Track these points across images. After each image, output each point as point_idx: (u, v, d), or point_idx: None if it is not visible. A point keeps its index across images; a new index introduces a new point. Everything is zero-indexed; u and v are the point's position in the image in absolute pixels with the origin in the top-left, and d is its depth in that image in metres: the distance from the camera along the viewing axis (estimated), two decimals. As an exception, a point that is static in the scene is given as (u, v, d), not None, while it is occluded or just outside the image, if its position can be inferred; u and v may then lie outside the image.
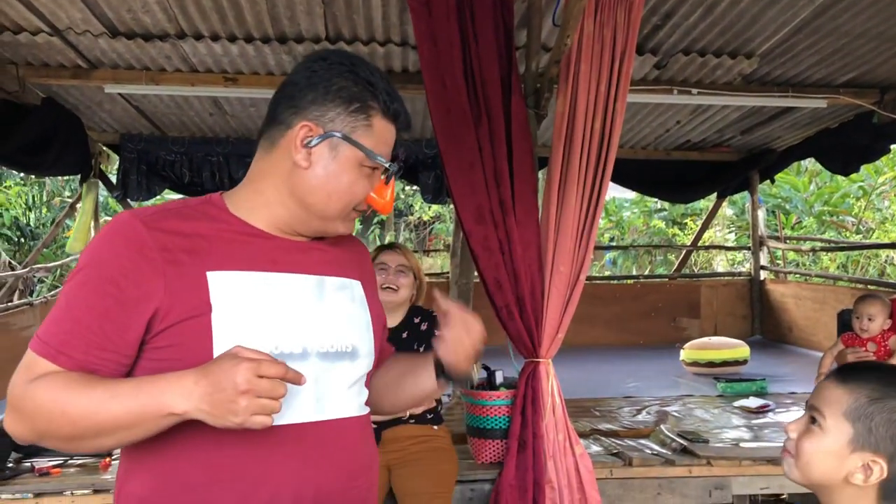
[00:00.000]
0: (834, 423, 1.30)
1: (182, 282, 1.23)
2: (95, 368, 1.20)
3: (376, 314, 1.50)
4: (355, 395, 1.40)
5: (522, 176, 3.43)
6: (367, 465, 1.42)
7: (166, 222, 1.27)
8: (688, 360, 6.18)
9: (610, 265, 13.13)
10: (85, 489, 3.22)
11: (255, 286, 1.28)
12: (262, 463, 1.25)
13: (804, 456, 1.32)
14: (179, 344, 1.22)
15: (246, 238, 1.33)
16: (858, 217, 11.51)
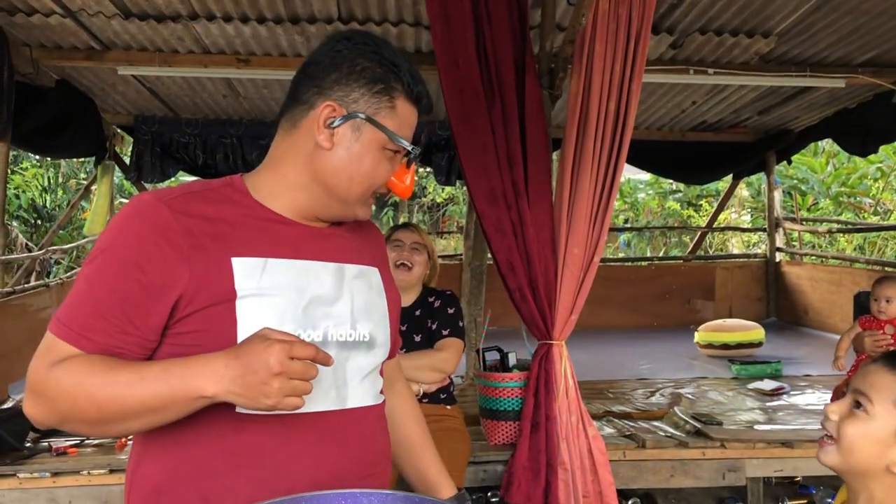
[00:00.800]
0: (883, 410, 1.27)
1: (207, 268, 1.21)
2: (118, 352, 1.18)
3: (393, 301, 1.49)
4: (371, 384, 1.39)
5: (536, 157, 3.40)
6: (384, 452, 1.42)
7: (191, 206, 1.25)
8: (702, 343, 6.15)
9: (624, 247, 13.08)
10: (101, 469, 3.26)
11: (279, 273, 1.26)
12: (281, 451, 1.24)
13: (846, 440, 1.29)
14: (203, 330, 1.20)
15: (269, 224, 1.31)
16: (876, 198, 11.39)
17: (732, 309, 7.94)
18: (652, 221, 13.11)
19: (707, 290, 8.13)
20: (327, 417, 1.29)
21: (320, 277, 1.32)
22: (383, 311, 1.45)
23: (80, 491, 3.23)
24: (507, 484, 3.33)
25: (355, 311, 1.36)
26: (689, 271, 8.42)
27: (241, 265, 1.24)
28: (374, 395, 1.40)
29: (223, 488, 1.22)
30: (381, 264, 1.50)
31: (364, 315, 1.38)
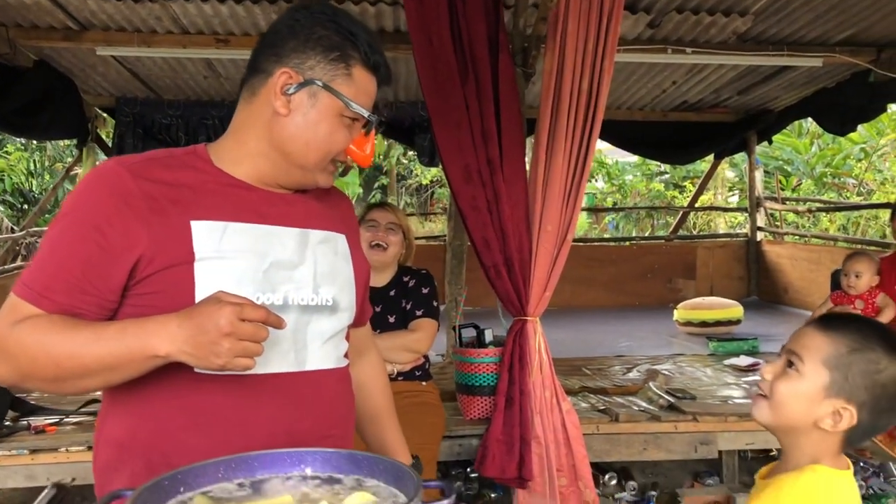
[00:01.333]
0: (812, 369, 1.32)
1: (166, 231, 1.24)
2: (78, 312, 1.21)
3: (360, 268, 1.51)
4: (333, 347, 1.42)
5: (510, 134, 3.42)
6: (345, 415, 1.45)
7: (152, 171, 1.28)
8: (681, 320, 6.22)
9: (612, 228, 13.15)
10: (80, 446, 3.29)
11: (239, 237, 1.29)
12: (238, 410, 1.28)
13: (778, 396, 1.34)
14: (162, 291, 1.23)
15: (230, 189, 1.33)
16: (859, 178, 11.47)
17: (713, 288, 8.01)
18: (639, 203, 13.17)
19: (688, 270, 8.20)
20: (285, 379, 1.32)
21: (282, 242, 1.34)
22: (349, 276, 1.46)
23: (58, 468, 3.26)
24: (482, 457, 3.37)
25: (318, 276, 1.38)
26: (671, 251, 8.49)
27: (200, 228, 1.26)
28: (336, 359, 1.42)
29: (181, 445, 1.26)
30: (349, 231, 1.51)
31: (328, 280, 1.40)
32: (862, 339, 1.32)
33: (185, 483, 1.06)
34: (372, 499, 1.04)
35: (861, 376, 1.30)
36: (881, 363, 1.30)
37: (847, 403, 1.30)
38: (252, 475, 1.12)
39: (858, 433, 1.33)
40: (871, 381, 1.30)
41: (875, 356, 1.31)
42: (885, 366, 1.30)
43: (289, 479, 1.12)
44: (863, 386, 1.30)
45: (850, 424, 1.30)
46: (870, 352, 1.31)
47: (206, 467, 1.09)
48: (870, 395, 1.30)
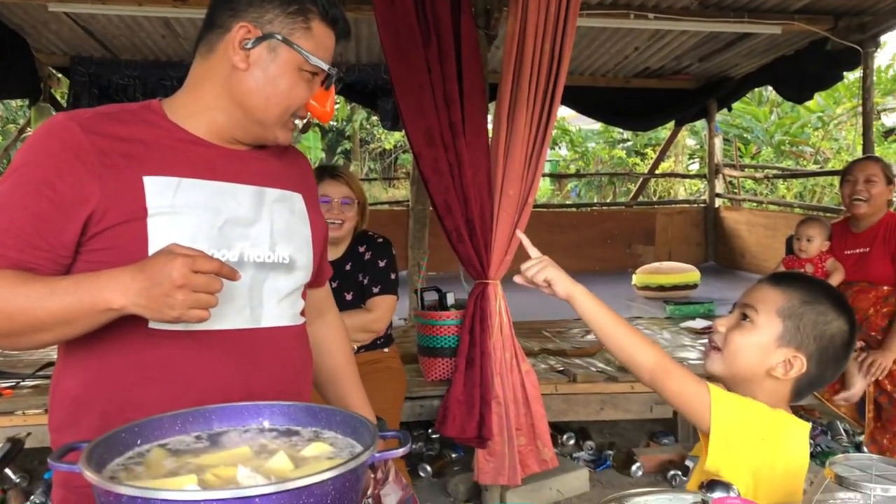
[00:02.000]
0: (766, 319, 1.39)
1: (118, 185, 1.23)
2: (31, 267, 1.20)
3: (317, 229, 1.50)
4: (290, 305, 1.42)
5: (472, 98, 3.42)
6: (300, 371, 1.46)
7: (104, 126, 1.27)
8: (639, 285, 6.32)
9: (574, 195, 13.23)
10: (37, 409, 3.27)
11: (193, 192, 1.28)
12: (193, 365, 1.29)
13: (732, 346, 1.40)
14: (115, 247, 1.23)
15: (185, 145, 1.32)
16: (816, 147, 11.66)
17: (672, 253, 8.14)
18: (601, 169, 13.26)
19: (648, 235, 8.31)
20: (240, 335, 1.32)
21: (238, 199, 1.34)
22: (305, 236, 1.46)
23: (14, 430, 3.22)
24: (443, 418, 3.42)
25: (275, 234, 1.38)
26: (630, 217, 8.59)
27: (152, 183, 1.26)
28: (292, 317, 1.43)
29: (137, 400, 1.26)
30: (307, 191, 1.51)
31: (284, 238, 1.40)
32: (812, 293, 1.40)
33: (141, 435, 1.07)
34: (329, 449, 1.05)
35: (811, 326, 1.38)
36: (829, 316, 1.38)
37: (797, 352, 1.37)
38: (209, 428, 1.13)
39: (806, 383, 1.40)
40: (819, 332, 1.38)
41: (824, 308, 1.38)
42: (833, 319, 1.38)
43: (246, 431, 1.14)
44: (812, 336, 1.38)
45: (799, 372, 1.37)
46: (819, 304, 1.38)
47: (163, 420, 1.10)
48: (818, 346, 1.38)
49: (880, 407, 3.51)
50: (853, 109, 10.99)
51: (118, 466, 1.00)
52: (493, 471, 3.42)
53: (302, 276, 1.45)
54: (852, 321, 1.40)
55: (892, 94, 11.33)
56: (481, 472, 3.41)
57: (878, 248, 3.67)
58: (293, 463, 1.00)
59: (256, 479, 0.93)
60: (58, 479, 1.33)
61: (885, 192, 3.69)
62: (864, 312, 3.67)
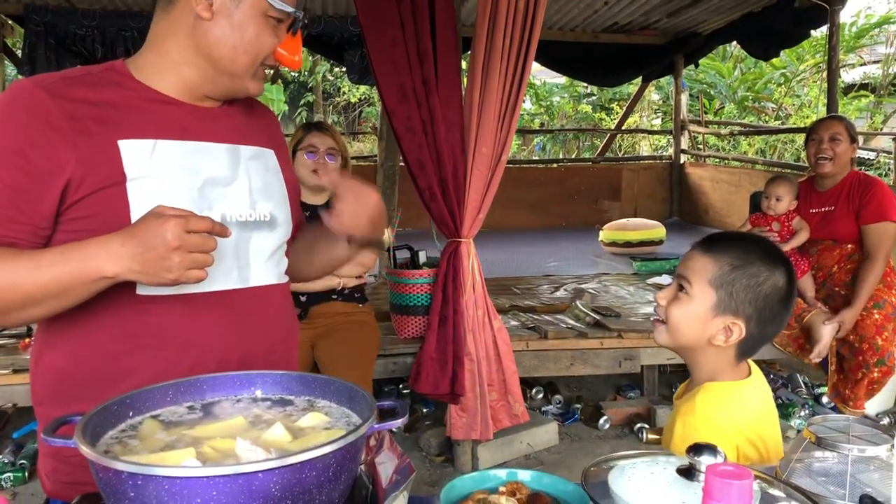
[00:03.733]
0: (700, 290, 1.40)
1: (93, 151, 1.20)
2: (11, 242, 1.17)
3: (291, 183, 1.50)
4: (275, 263, 1.42)
5: (446, 53, 3.38)
6: (289, 330, 1.46)
7: (71, 90, 1.22)
8: (606, 241, 6.38)
9: (539, 150, 13.22)
10: (5, 369, 3.22)
11: (169, 154, 1.26)
12: (185, 330, 1.27)
13: (673, 320, 1.42)
14: (96, 214, 1.20)
15: (156, 105, 1.29)
16: (779, 103, 11.78)
17: (637, 209, 8.21)
18: (566, 124, 13.25)
19: (614, 191, 8.37)
20: (230, 296, 1.31)
21: (214, 158, 1.32)
22: (282, 191, 1.45)
23: (-18, 391, 3.20)
24: (416, 374, 3.45)
25: (253, 192, 1.37)
26: (597, 173, 8.63)
27: (128, 147, 1.23)
28: (279, 275, 1.43)
29: (126, 369, 1.25)
30: (277, 147, 1.49)
31: (263, 195, 1.39)
32: (742, 256, 1.40)
33: (133, 407, 1.06)
34: (325, 419, 1.05)
35: (745, 291, 1.39)
36: (761, 276, 1.39)
37: (735, 318, 1.39)
38: (202, 398, 1.12)
39: (749, 344, 1.43)
40: (754, 295, 1.39)
41: (755, 270, 1.39)
42: (766, 277, 1.39)
43: (239, 401, 1.13)
44: (747, 300, 1.39)
45: (739, 338, 1.40)
46: (750, 266, 1.39)
47: (155, 391, 1.09)
48: (754, 308, 1.39)
49: (842, 358, 3.62)
50: (816, 66, 11.09)
51: (112, 440, 0.99)
52: (466, 426, 3.47)
53: (283, 233, 1.45)
54: (789, 272, 1.41)
55: (853, 52, 11.45)
56: (454, 427, 3.45)
57: (843, 207, 3.74)
58: (290, 434, 1.00)
59: (256, 451, 0.92)
60: (46, 449, 1.31)
61: (849, 151, 3.75)
62: (829, 270, 3.76)
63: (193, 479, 0.82)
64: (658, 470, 1.20)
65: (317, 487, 0.88)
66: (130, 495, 0.84)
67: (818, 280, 3.83)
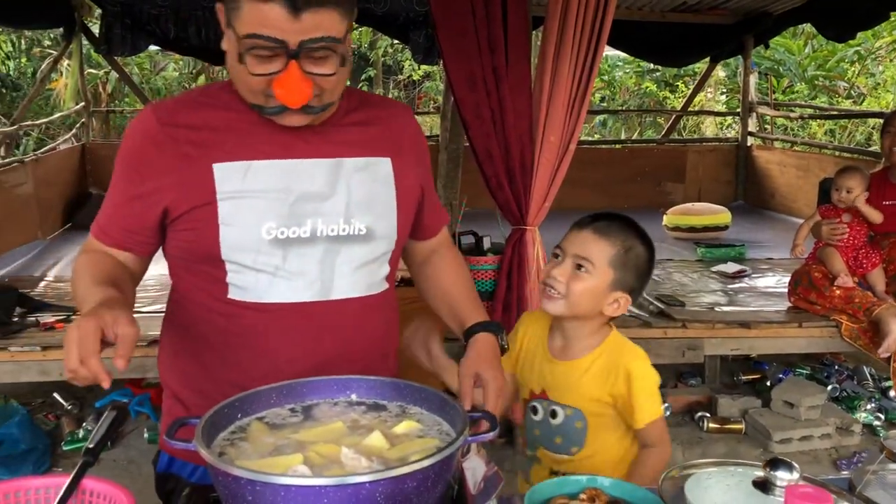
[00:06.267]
0: (600, 270, 1.63)
1: (190, 174, 1.31)
2: (128, 248, 1.37)
3: (407, 190, 1.47)
4: (365, 275, 1.42)
5: (516, 40, 3.37)
6: (377, 342, 1.47)
7: (179, 115, 1.35)
8: (670, 225, 6.32)
9: (600, 127, 13.07)
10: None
11: (263, 174, 1.33)
12: (263, 337, 1.36)
13: (574, 295, 1.63)
14: (192, 229, 1.33)
15: (257, 127, 1.34)
16: (851, 82, 11.41)
17: (701, 192, 8.08)
18: (628, 101, 13.06)
19: (678, 173, 8.24)
20: (308, 308, 1.37)
21: (311, 175, 1.36)
22: (389, 202, 1.44)
23: (70, 364, 3.36)
24: (480, 360, 3.50)
25: (351, 205, 1.38)
26: (661, 154, 8.51)
27: (222, 170, 1.32)
28: (367, 286, 1.43)
29: (216, 367, 1.40)
30: (398, 153, 1.47)
31: (362, 208, 1.39)
32: (630, 239, 1.66)
33: (241, 409, 1.15)
34: (418, 426, 1.12)
35: (633, 270, 1.65)
36: (639, 250, 1.66)
37: (624, 292, 1.65)
38: (302, 400, 1.20)
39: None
40: (637, 271, 1.66)
41: (638, 249, 1.66)
42: (642, 251, 1.67)
43: (336, 404, 1.21)
44: (634, 277, 1.66)
45: (626, 306, 1.67)
46: (636, 247, 1.66)
47: (260, 394, 1.18)
48: (636, 280, 1.67)
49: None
50: (893, 43, 10.71)
51: (224, 441, 1.08)
52: (528, 411, 3.53)
53: (383, 245, 1.44)
54: (648, 240, 1.69)
55: (933, 29, 11.00)
56: (514, 411, 3.51)
57: (919, 200, 3.66)
58: (388, 441, 1.07)
59: (360, 460, 1.00)
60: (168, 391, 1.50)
61: (928, 143, 3.66)
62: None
63: (307, 488, 0.90)
64: (734, 482, 1.24)
65: (416, 495, 0.95)
66: (248, 499, 0.91)
67: (889, 274, 3.76)
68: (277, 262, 1.33)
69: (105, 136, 9.66)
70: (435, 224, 1.62)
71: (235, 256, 1.33)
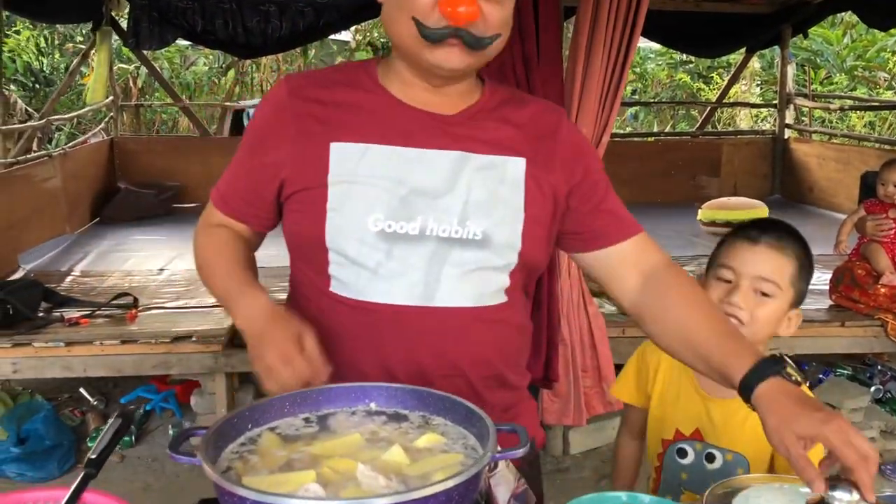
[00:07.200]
0: (784, 290, 1.47)
1: (307, 151, 1.25)
2: (244, 219, 1.34)
3: (542, 197, 1.30)
4: (476, 284, 1.26)
5: (548, 29, 3.26)
6: (478, 357, 1.29)
7: (310, 90, 1.29)
8: (705, 220, 6.17)
9: (631, 120, 12.88)
10: (113, 340, 3.35)
11: (379, 160, 1.24)
12: (360, 339, 1.25)
13: (758, 324, 1.46)
14: (300, 210, 1.27)
15: (384, 109, 1.27)
16: (893, 72, 11.11)
17: (737, 185, 7.89)
18: (661, 93, 12.85)
19: (713, 167, 8.05)
20: (409, 312, 1.24)
21: (430, 167, 1.25)
22: (515, 207, 1.27)
23: (93, 360, 3.33)
24: (509, 358, 3.42)
25: (469, 206, 1.25)
26: (695, 147, 8.32)
27: (339, 150, 1.24)
28: (476, 297, 1.27)
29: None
30: (537, 154, 1.30)
31: (481, 211, 1.25)
32: (800, 247, 1.51)
33: (252, 420, 1.07)
34: (441, 440, 1.03)
35: (806, 284, 1.52)
36: (812, 262, 1.53)
37: (797, 308, 1.51)
38: (317, 409, 1.12)
39: None
40: (809, 282, 1.52)
41: (810, 258, 1.53)
42: (812, 261, 1.53)
43: (353, 413, 1.12)
44: (807, 288, 1.52)
45: (798, 324, 1.52)
46: (808, 255, 1.52)
47: (272, 402, 1.10)
48: (807, 291, 1.53)
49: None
50: (936, 33, 10.39)
51: (233, 455, 1.00)
52: (558, 411, 3.44)
53: (502, 256, 1.27)
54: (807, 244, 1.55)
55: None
56: (546, 411, 3.43)
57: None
58: (408, 456, 0.99)
59: (377, 478, 0.91)
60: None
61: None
62: (951, 261, 3.55)
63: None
64: (784, 502, 1.14)
65: (438, 517, 0.86)
66: (254, 521, 0.83)
67: (938, 272, 3.62)
68: (380, 258, 1.23)
69: (135, 130, 9.71)
70: (611, 230, 1.35)
71: (340, 245, 1.23)
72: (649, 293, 1.31)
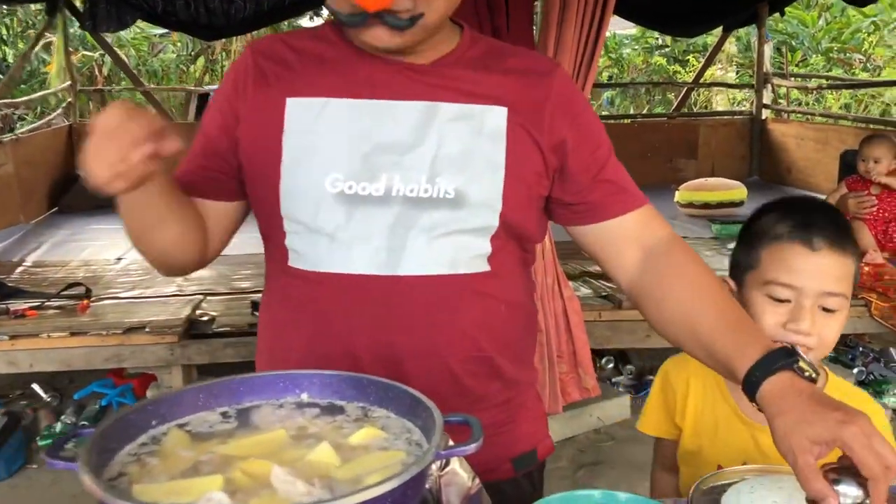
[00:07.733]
0: (849, 298, 1.25)
1: (263, 106, 1.15)
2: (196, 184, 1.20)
3: (525, 152, 1.14)
4: (447, 249, 1.12)
5: (518, 4, 3.16)
6: (456, 336, 1.14)
7: (274, 45, 1.19)
8: (682, 202, 6.06)
9: (607, 105, 12.77)
10: (62, 331, 3.17)
11: (339, 113, 1.12)
12: (322, 314, 1.13)
13: (825, 346, 1.23)
14: (254, 173, 1.17)
15: (349, 61, 1.14)
16: (867, 54, 11.07)
17: (715, 167, 7.79)
18: (637, 77, 12.74)
19: (690, 149, 7.95)
20: (374, 282, 1.10)
21: (397, 119, 1.11)
22: (494, 161, 1.12)
23: (41, 354, 3.15)
24: (482, 345, 3.28)
25: (438, 161, 1.10)
26: (672, 129, 8.21)
27: (295, 105, 1.13)
28: (449, 263, 1.12)
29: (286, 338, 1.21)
30: (520, 104, 1.14)
31: (453, 166, 1.11)
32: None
33: (157, 415, 0.90)
34: (381, 435, 0.87)
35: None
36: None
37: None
38: (238, 402, 0.95)
39: None
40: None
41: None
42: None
43: (281, 406, 0.96)
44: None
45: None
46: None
47: (182, 394, 0.93)
48: None
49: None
50: (912, 13, 10.36)
51: (129, 457, 0.83)
52: (533, 399, 3.30)
53: (479, 217, 1.12)
54: None
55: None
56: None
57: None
58: (339, 455, 0.83)
59: (295, 484, 0.75)
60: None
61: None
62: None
63: (214, 528, 0.65)
64: (782, 499, 0.99)
65: (369, 529, 0.70)
66: (139, 541, 0.67)
67: (922, 248, 3.53)
68: (339, 222, 1.10)
69: (99, 117, 9.45)
70: (611, 202, 1.20)
71: (295, 211, 1.12)
72: (649, 271, 1.17)
